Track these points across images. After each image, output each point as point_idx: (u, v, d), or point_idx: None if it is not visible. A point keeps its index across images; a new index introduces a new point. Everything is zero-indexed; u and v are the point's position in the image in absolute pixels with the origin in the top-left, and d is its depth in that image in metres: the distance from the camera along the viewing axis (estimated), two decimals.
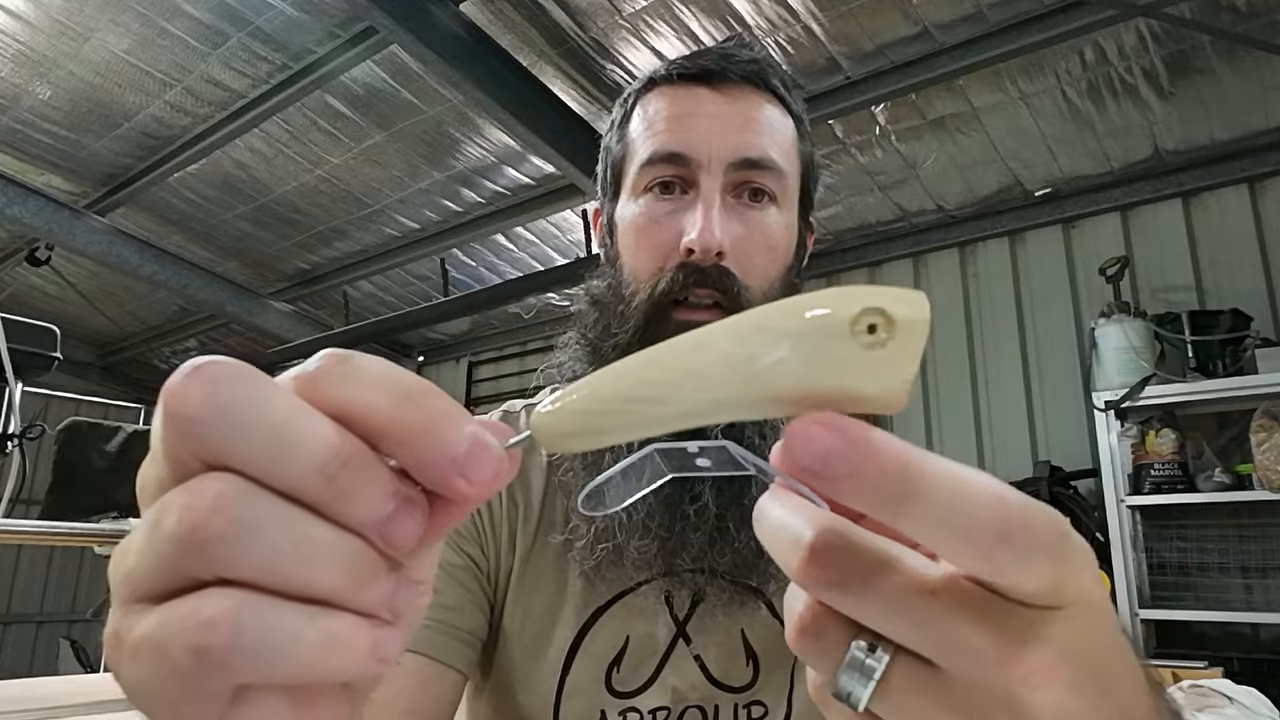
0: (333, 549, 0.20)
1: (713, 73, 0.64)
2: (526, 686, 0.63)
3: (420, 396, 0.21)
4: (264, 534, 0.20)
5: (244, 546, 0.19)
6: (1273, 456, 2.23)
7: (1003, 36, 2.31)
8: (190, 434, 0.20)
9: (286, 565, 0.20)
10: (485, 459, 0.21)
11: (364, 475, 0.21)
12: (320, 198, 3.56)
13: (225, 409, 0.20)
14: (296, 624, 0.20)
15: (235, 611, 0.19)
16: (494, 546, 0.65)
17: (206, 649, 0.19)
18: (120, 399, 6.05)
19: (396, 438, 0.21)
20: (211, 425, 0.20)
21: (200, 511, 0.19)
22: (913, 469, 0.21)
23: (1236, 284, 2.70)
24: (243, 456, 0.20)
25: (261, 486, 0.20)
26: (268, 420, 0.20)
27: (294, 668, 0.20)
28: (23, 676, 1.74)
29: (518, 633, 0.64)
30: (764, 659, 0.65)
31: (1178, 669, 1.74)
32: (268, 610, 0.20)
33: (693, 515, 0.58)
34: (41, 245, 4.05)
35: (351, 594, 0.21)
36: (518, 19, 2.50)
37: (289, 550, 0.20)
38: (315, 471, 0.20)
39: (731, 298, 0.61)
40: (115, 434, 1.59)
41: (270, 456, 0.20)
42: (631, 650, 0.63)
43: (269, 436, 0.20)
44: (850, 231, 3.41)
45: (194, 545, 0.20)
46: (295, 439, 0.20)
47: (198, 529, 0.19)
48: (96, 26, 2.67)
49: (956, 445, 3.17)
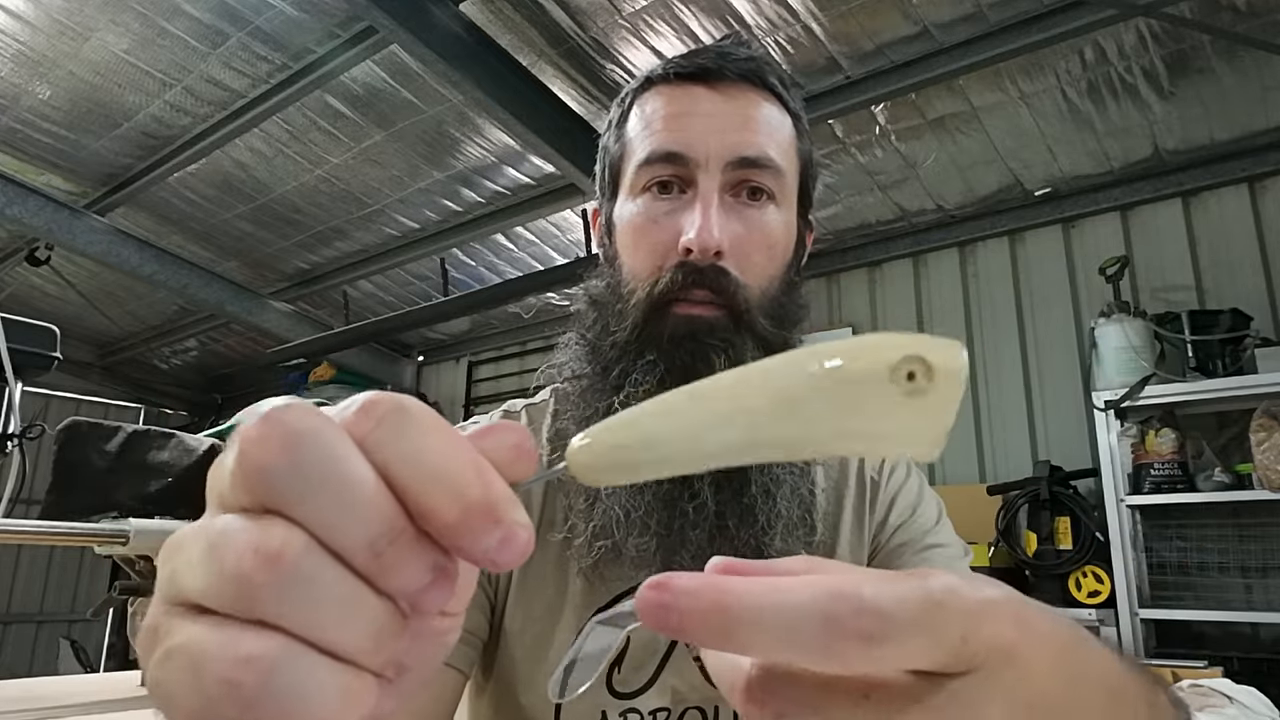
0: (369, 613, 0.21)
1: (710, 71, 0.64)
2: (528, 687, 0.63)
3: (464, 483, 0.22)
4: (314, 591, 0.21)
5: (293, 597, 0.20)
6: (1272, 456, 2.23)
7: (1003, 36, 2.31)
8: (262, 483, 0.21)
9: (327, 622, 0.21)
10: (514, 549, 0.22)
11: (410, 551, 0.22)
12: (320, 198, 3.56)
13: (299, 465, 0.21)
14: (321, 677, 0.21)
15: (273, 656, 0.20)
16: None
17: (239, 684, 0.20)
18: (120, 399, 6.06)
19: (439, 524, 0.22)
20: (284, 480, 0.21)
21: (264, 557, 0.20)
22: (727, 604, 0.23)
23: (1236, 284, 2.70)
24: (307, 515, 0.21)
25: (319, 544, 0.21)
26: (336, 484, 0.21)
27: (306, 716, 0.20)
28: (23, 676, 1.73)
29: (519, 633, 0.64)
30: None
31: (1178, 669, 1.74)
32: (302, 660, 0.20)
33: (691, 513, 0.58)
34: (41, 245, 4.05)
35: (371, 655, 0.22)
36: (517, 19, 2.50)
37: (332, 609, 0.21)
38: (368, 544, 0.21)
39: (728, 297, 0.60)
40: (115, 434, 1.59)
41: (333, 520, 0.21)
42: (632, 651, 0.63)
43: (335, 501, 0.21)
44: (850, 231, 3.41)
45: (250, 587, 0.20)
46: (358, 508, 0.21)
47: (257, 573, 0.20)
48: (96, 26, 2.67)
49: (956, 445, 3.17)
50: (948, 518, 0.72)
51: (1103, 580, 2.47)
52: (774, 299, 0.64)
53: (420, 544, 0.22)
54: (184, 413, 6.29)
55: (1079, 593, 2.52)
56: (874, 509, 0.70)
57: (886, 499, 0.70)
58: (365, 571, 0.21)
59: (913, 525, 0.69)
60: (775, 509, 0.60)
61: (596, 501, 0.61)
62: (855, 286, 3.54)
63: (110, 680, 1.65)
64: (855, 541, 0.69)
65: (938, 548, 0.67)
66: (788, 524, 0.61)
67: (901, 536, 0.68)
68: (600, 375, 0.64)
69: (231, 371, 5.92)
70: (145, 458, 1.59)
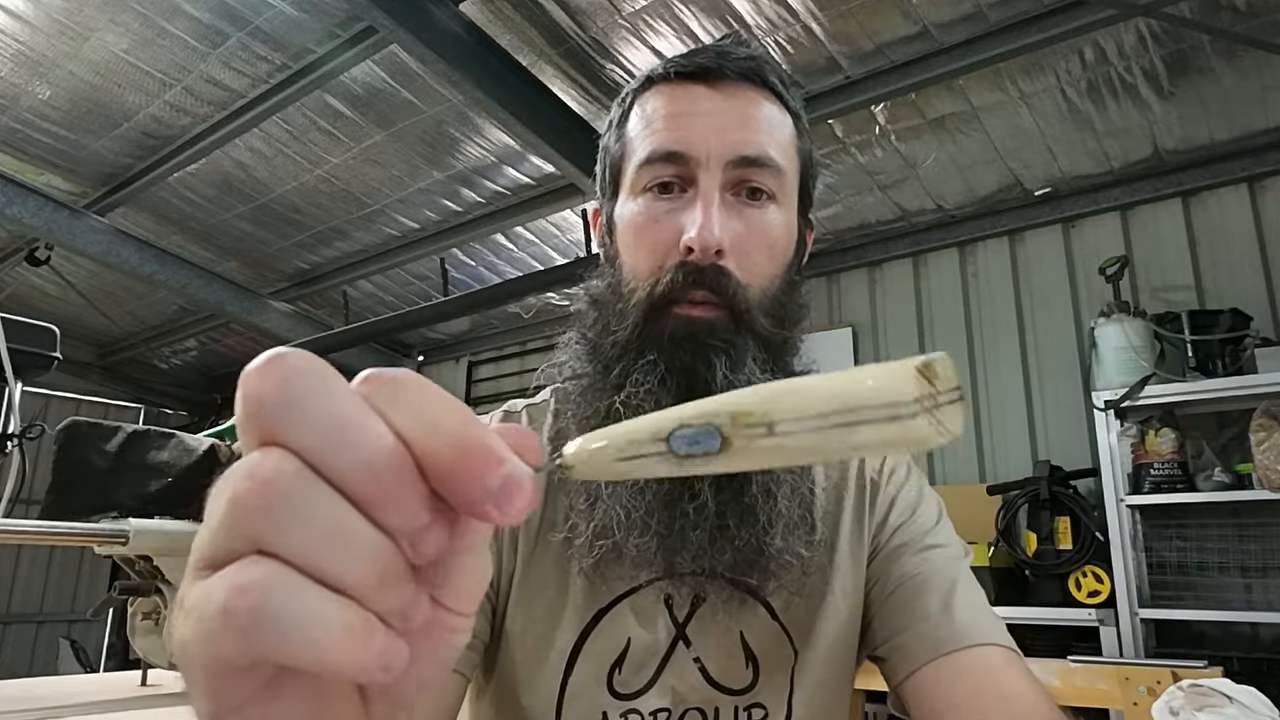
0: (367, 544, 0.21)
1: (709, 70, 0.64)
2: (529, 688, 0.63)
3: (463, 429, 0.22)
4: (307, 513, 0.21)
5: (286, 521, 0.20)
6: (1272, 456, 2.23)
7: (1003, 36, 2.31)
8: (259, 415, 0.21)
9: (323, 549, 0.21)
10: (518, 494, 0.22)
11: (407, 483, 0.22)
12: (320, 198, 3.56)
13: (294, 395, 0.21)
14: (319, 607, 0.20)
15: (265, 581, 0.20)
16: (496, 548, 0.65)
17: (234, 611, 0.20)
18: (120, 399, 6.06)
19: (440, 468, 0.22)
20: (279, 408, 0.21)
21: (252, 481, 0.20)
22: None
23: (1236, 284, 2.70)
24: (302, 441, 0.21)
25: (315, 471, 0.21)
26: (331, 412, 0.21)
27: (308, 650, 0.20)
28: (23, 676, 1.74)
29: (520, 635, 0.64)
30: (763, 661, 0.65)
31: (1178, 669, 1.74)
32: (296, 587, 0.20)
33: (692, 513, 0.58)
34: (41, 245, 4.05)
35: (374, 593, 0.21)
36: (517, 19, 2.50)
37: (328, 535, 0.21)
38: (364, 467, 0.21)
39: (728, 298, 0.60)
40: (115, 434, 1.59)
41: (328, 445, 0.21)
42: (632, 652, 0.63)
43: (330, 426, 0.21)
44: (850, 231, 3.41)
45: (241, 513, 0.21)
46: (353, 434, 0.21)
47: (246, 497, 0.20)
48: (96, 26, 2.67)
49: (957, 445, 3.16)
50: (948, 518, 0.72)
51: (1103, 580, 2.47)
52: (775, 298, 0.64)
53: (419, 478, 0.22)
54: (184, 413, 6.29)
55: (1079, 593, 2.52)
56: (874, 509, 0.70)
57: (886, 499, 0.70)
58: (363, 501, 0.21)
59: (912, 525, 0.69)
60: (776, 508, 0.60)
61: (598, 501, 0.61)
62: (855, 286, 3.54)
63: (110, 680, 1.65)
64: (855, 542, 0.69)
65: (937, 548, 0.67)
66: (788, 523, 0.61)
67: (901, 537, 0.68)
68: (601, 374, 0.63)
69: (231, 371, 5.89)
70: (145, 458, 1.59)
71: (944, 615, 0.62)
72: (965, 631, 0.61)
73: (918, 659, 0.62)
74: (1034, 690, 0.58)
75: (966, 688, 0.59)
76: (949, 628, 0.61)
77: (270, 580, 0.20)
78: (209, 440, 1.71)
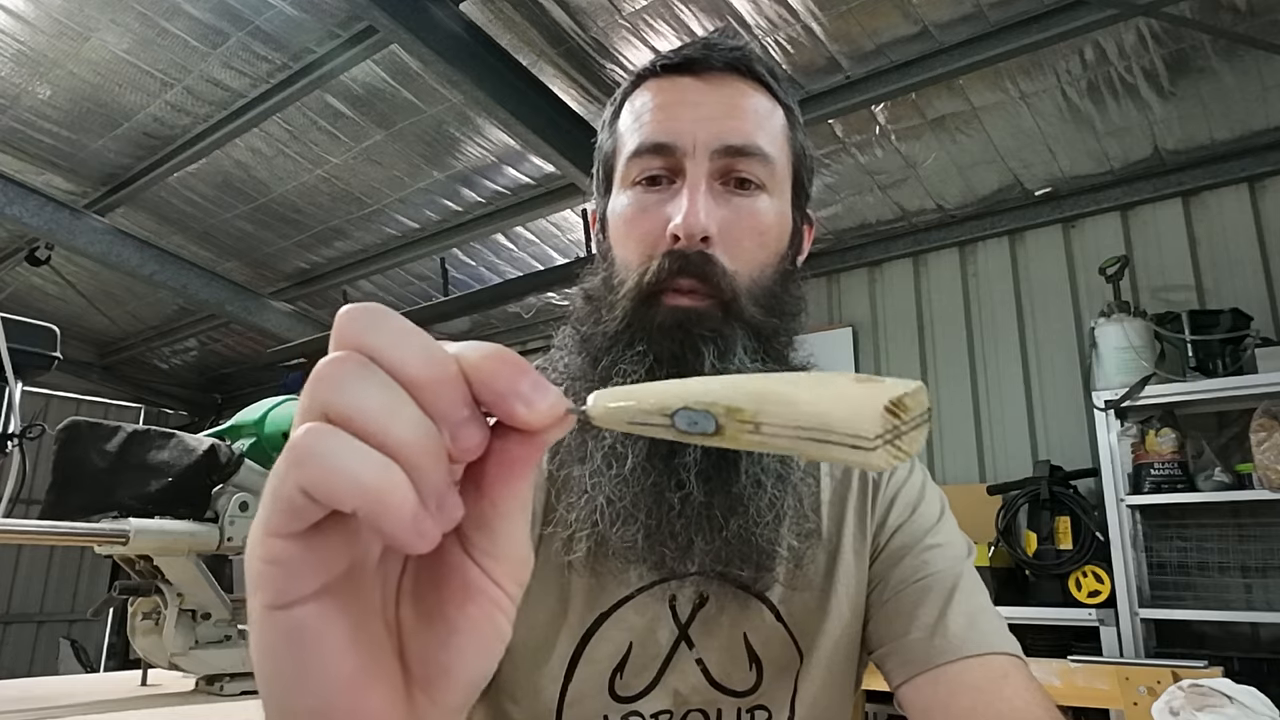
0: (414, 420, 0.25)
1: (696, 62, 0.64)
2: (528, 694, 0.63)
3: (502, 352, 0.27)
4: (366, 387, 0.25)
5: (349, 391, 0.25)
6: (1272, 456, 2.23)
7: (1003, 36, 2.31)
8: (344, 330, 0.26)
9: (373, 413, 0.24)
10: (543, 397, 0.27)
11: (452, 383, 0.26)
12: (320, 198, 3.56)
13: (373, 318, 0.26)
14: (366, 456, 0.24)
15: (323, 429, 0.24)
16: None
17: (295, 446, 0.24)
18: (120, 399, 6.06)
19: (481, 375, 0.26)
20: (359, 322, 0.26)
21: (329, 364, 0.25)
22: None
23: (1236, 284, 2.70)
24: (375, 343, 0.26)
25: (378, 365, 0.25)
26: (400, 328, 0.26)
27: (351, 490, 0.23)
28: (23, 676, 1.74)
29: (521, 641, 0.63)
30: (767, 663, 0.64)
31: (1178, 669, 1.74)
32: (349, 440, 0.24)
33: (678, 503, 0.58)
34: (41, 245, 4.05)
35: (416, 463, 0.25)
36: (517, 18, 2.50)
37: (377, 403, 0.25)
38: (419, 362, 0.26)
39: (714, 286, 0.60)
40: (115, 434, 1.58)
41: (393, 347, 0.26)
42: (634, 655, 0.63)
43: (396, 334, 0.26)
44: (850, 231, 3.41)
45: (316, 385, 0.25)
46: (413, 343, 0.26)
47: (323, 370, 0.25)
48: (96, 26, 2.67)
49: (957, 445, 3.17)
50: (951, 514, 0.71)
51: (1103, 580, 2.47)
52: (766, 288, 0.63)
53: (462, 382, 0.26)
54: (184, 413, 6.29)
55: (1079, 593, 2.52)
56: (874, 509, 0.69)
57: (886, 499, 0.70)
58: (414, 387, 0.25)
59: (913, 525, 0.68)
60: (764, 499, 0.60)
61: (585, 494, 0.61)
62: (855, 286, 3.54)
63: (110, 680, 1.65)
64: (858, 542, 0.68)
65: (937, 548, 0.67)
66: (778, 514, 0.60)
67: (901, 538, 0.68)
68: (590, 366, 0.63)
69: (231, 371, 5.92)
70: (145, 458, 1.59)
71: (941, 624, 0.61)
72: (961, 642, 0.60)
73: (913, 668, 0.61)
74: (1035, 703, 0.57)
75: (963, 707, 0.58)
76: (944, 638, 0.61)
77: (327, 430, 0.24)
78: (209, 440, 1.71)
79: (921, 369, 3.31)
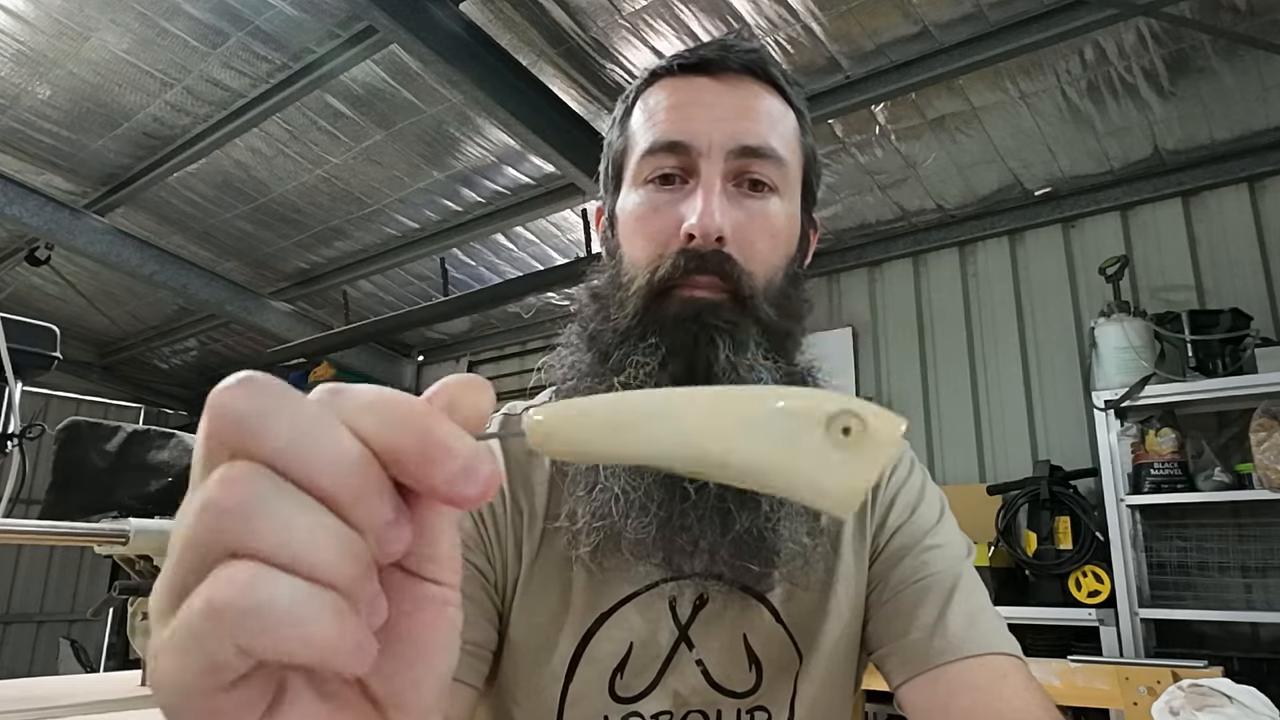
0: (341, 539, 0.22)
1: (712, 62, 0.64)
2: (529, 694, 0.63)
3: (421, 423, 0.23)
4: (282, 512, 0.21)
5: (261, 521, 0.21)
6: (1272, 456, 2.23)
7: (1003, 36, 2.31)
8: (228, 427, 0.22)
9: (299, 544, 0.21)
10: (478, 478, 0.23)
11: (375, 483, 0.22)
12: (320, 198, 3.56)
13: (262, 407, 0.22)
14: (304, 595, 0.20)
15: (249, 573, 0.20)
16: (500, 555, 0.64)
17: (220, 607, 0.20)
18: (120, 399, 6.05)
19: (404, 464, 0.23)
20: (248, 419, 0.22)
21: (226, 486, 0.21)
22: None
23: (1236, 284, 2.70)
24: (271, 450, 0.21)
25: (284, 476, 0.21)
26: (298, 420, 0.22)
27: (298, 636, 0.20)
28: (23, 676, 1.73)
29: (522, 640, 0.63)
30: (766, 664, 0.64)
31: (1178, 669, 1.74)
32: (280, 579, 0.20)
33: (693, 493, 0.58)
34: (41, 245, 4.05)
35: (351, 590, 0.22)
36: (517, 18, 2.50)
37: (302, 531, 0.21)
38: (332, 469, 0.22)
39: (732, 282, 0.60)
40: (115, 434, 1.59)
41: (296, 451, 0.22)
42: (634, 655, 0.63)
43: (297, 432, 0.22)
44: (850, 231, 3.41)
45: (215, 518, 0.21)
46: (320, 440, 0.22)
47: (222, 500, 0.21)
48: (96, 26, 2.67)
49: (957, 445, 3.17)
50: (950, 514, 0.71)
51: (1103, 580, 2.47)
52: (779, 289, 0.63)
53: (385, 478, 0.23)
54: (184, 413, 6.29)
55: (1079, 592, 2.52)
56: (873, 510, 0.69)
57: (886, 500, 0.70)
58: (333, 502, 0.22)
59: (912, 526, 0.68)
60: (775, 495, 0.59)
61: (596, 485, 0.61)
62: (855, 286, 3.54)
63: (110, 680, 1.65)
64: (858, 543, 0.68)
65: (936, 549, 0.66)
66: (790, 510, 0.60)
67: (901, 540, 0.68)
68: (599, 361, 0.63)
69: (231, 371, 5.91)
70: (145, 457, 1.59)
71: (940, 624, 0.61)
72: (961, 643, 0.60)
73: (912, 668, 0.61)
74: (1034, 703, 0.58)
75: (962, 707, 0.58)
76: (943, 639, 0.61)
77: (254, 572, 0.20)
78: None
79: (921, 369, 3.31)
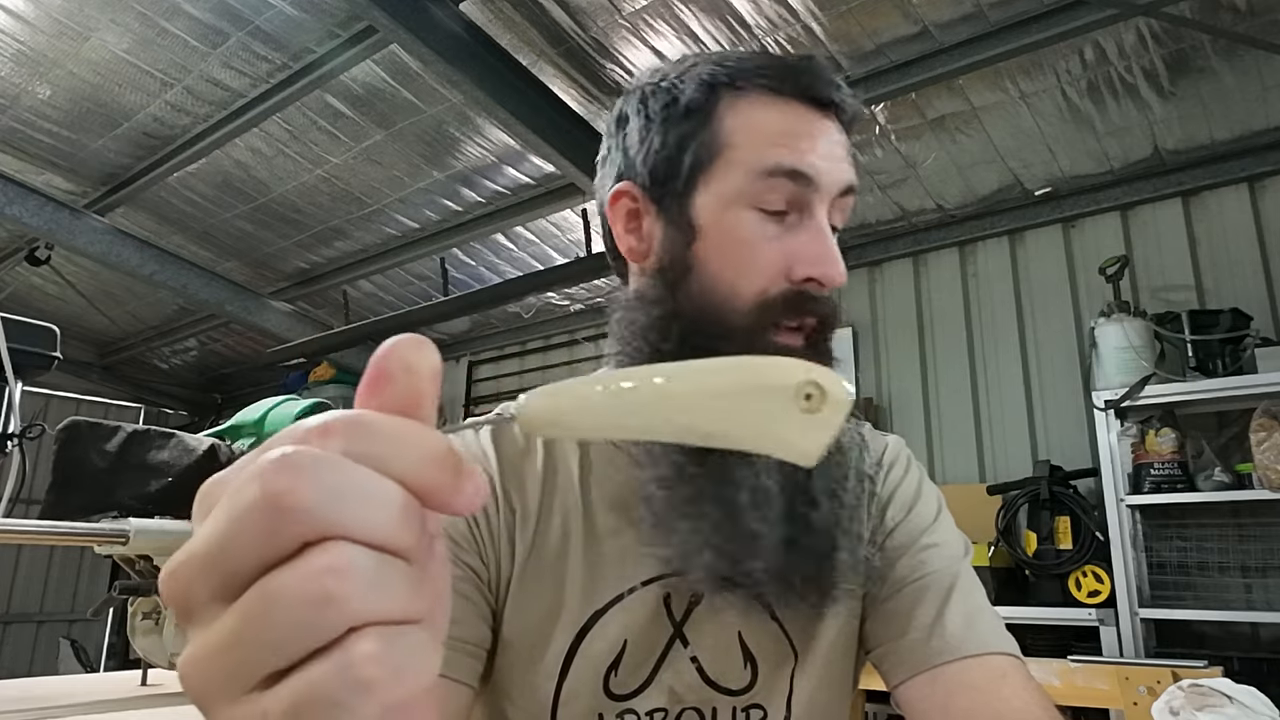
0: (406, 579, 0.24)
1: (826, 101, 0.64)
2: (524, 692, 0.63)
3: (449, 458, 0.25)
4: (383, 583, 0.23)
5: (370, 600, 0.22)
6: (1272, 456, 2.23)
7: (1003, 36, 2.31)
8: (304, 520, 0.22)
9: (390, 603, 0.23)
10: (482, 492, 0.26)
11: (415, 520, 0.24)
12: (320, 197, 3.56)
13: (330, 493, 0.22)
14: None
15: (349, 558, 0.22)
16: (494, 554, 0.64)
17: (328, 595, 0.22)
18: (120, 399, 6.06)
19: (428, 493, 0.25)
20: (323, 508, 0.22)
21: (333, 575, 0.22)
22: None
23: (1236, 284, 2.70)
24: (350, 527, 0.23)
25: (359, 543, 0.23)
26: (361, 492, 0.23)
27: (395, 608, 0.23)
28: (23, 676, 1.74)
29: (516, 638, 0.63)
30: (762, 661, 0.64)
31: (1178, 669, 1.74)
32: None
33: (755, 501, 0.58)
34: (41, 245, 4.05)
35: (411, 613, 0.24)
36: (517, 18, 2.50)
37: (393, 591, 0.23)
38: (395, 527, 0.23)
39: (828, 329, 0.62)
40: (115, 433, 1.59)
41: (369, 521, 0.23)
42: (629, 652, 0.63)
43: (365, 505, 0.23)
44: (850, 231, 3.41)
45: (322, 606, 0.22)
46: (381, 502, 0.23)
47: (332, 596, 0.22)
48: (96, 26, 2.67)
49: (956, 445, 3.17)
50: (948, 513, 0.71)
51: (1103, 580, 2.48)
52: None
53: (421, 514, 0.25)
54: (184, 413, 6.29)
55: (1079, 592, 2.52)
56: (871, 509, 0.69)
57: (883, 498, 0.70)
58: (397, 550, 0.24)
59: (909, 525, 0.68)
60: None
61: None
62: (855, 286, 3.54)
63: (110, 680, 1.65)
64: None
65: (934, 547, 0.66)
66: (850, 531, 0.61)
67: (898, 538, 0.68)
68: None
69: (231, 371, 5.92)
70: (145, 457, 1.59)
71: (938, 624, 0.61)
72: (959, 642, 0.60)
73: (911, 668, 0.61)
74: (1033, 702, 0.58)
75: (960, 708, 0.58)
76: (941, 638, 0.61)
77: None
78: (209, 440, 1.71)
79: (921, 369, 3.31)
